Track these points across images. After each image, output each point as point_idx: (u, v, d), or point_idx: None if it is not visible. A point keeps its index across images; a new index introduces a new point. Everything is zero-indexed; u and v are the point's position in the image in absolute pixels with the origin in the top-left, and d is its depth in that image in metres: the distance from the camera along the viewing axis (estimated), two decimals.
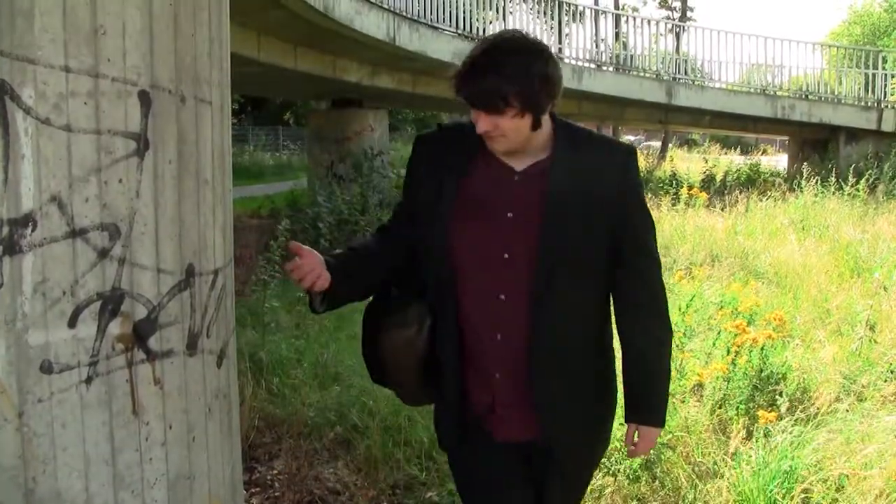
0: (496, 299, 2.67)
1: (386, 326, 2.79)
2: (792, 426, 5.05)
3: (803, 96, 24.39)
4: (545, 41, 15.35)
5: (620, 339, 2.86)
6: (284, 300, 9.40)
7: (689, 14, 48.86)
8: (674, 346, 3.25)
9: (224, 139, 2.51)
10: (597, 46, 24.20)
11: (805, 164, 20.01)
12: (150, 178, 2.18)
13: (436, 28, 17.97)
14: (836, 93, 24.62)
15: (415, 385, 2.82)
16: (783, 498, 4.40)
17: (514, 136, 2.56)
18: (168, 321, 2.27)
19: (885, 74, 24.71)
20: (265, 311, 8.11)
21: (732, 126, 28.52)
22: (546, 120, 2.64)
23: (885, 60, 25.04)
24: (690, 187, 17.99)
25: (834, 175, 17.73)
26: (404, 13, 16.37)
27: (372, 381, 2.99)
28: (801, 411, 5.46)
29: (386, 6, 15.49)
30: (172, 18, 2.22)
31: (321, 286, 2.63)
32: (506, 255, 2.64)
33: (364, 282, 2.82)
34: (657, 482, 4.73)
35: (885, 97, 24.30)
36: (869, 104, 23.99)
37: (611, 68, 23.36)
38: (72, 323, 2.09)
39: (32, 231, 2.01)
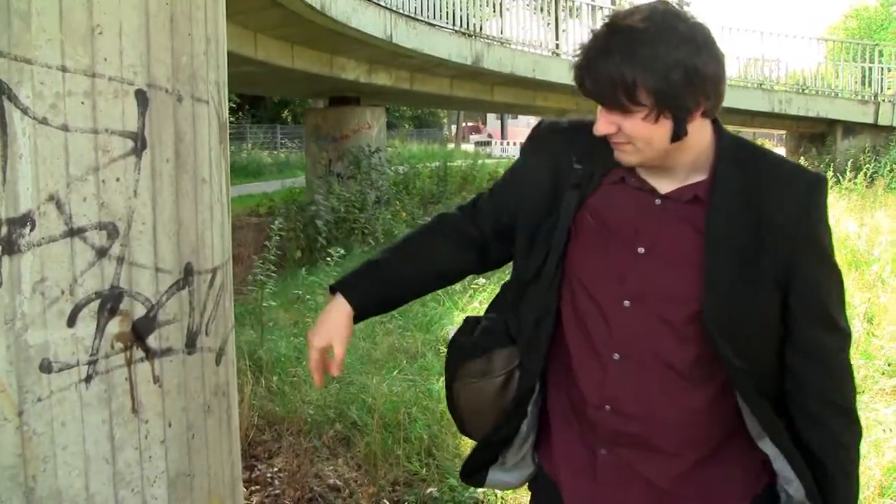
0: (609, 359, 2.07)
1: (462, 374, 2.29)
2: None
3: (800, 90, 24.40)
4: (542, 38, 15.08)
5: (791, 434, 2.05)
6: (282, 298, 9.42)
7: (686, 9, 48.66)
8: None
9: (221, 138, 2.51)
10: None
11: (803, 157, 20.04)
12: (148, 177, 2.19)
13: (433, 25, 17.94)
14: (832, 87, 24.64)
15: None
16: None
17: (645, 147, 1.92)
18: (167, 320, 2.27)
19: (882, 68, 24.73)
20: (263, 310, 8.11)
21: (730, 120, 28.47)
22: (701, 130, 1.97)
23: (881, 54, 25.04)
24: None
25: (832, 169, 17.75)
26: (401, 10, 16.36)
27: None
28: None
29: (383, 3, 15.47)
30: (169, 17, 2.23)
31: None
32: (626, 303, 2.03)
33: (410, 291, 2.40)
34: None
35: (881, 91, 24.33)
36: (866, 98, 24.03)
37: None
38: (71, 322, 2.09)
39: (31, 231, 2.02)
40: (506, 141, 61.19)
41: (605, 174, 2.07)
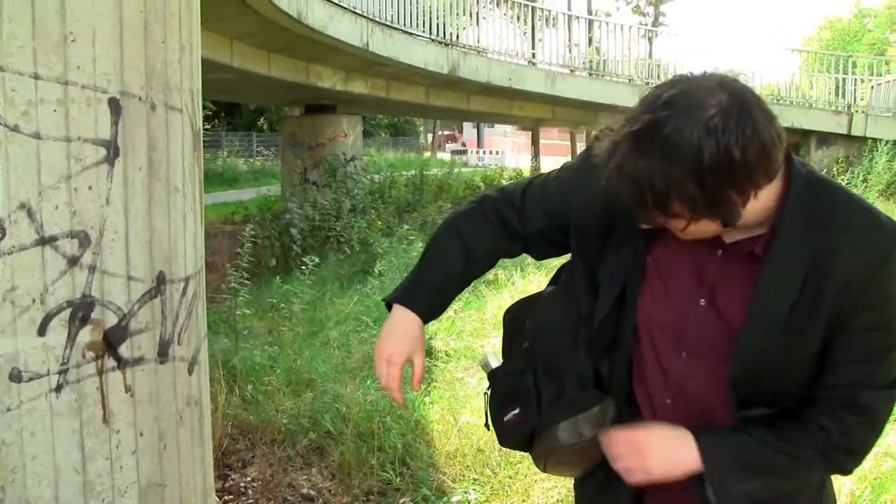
0: (662, 403, 2.02)
1: (550, 423, 2.09)
2: None
3: (775, 101, 24.52)
4: (518, 47, 15.06)
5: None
6: (257, 307, 9.40)
7: (661, 20, 49.06)
8: None
9: (195, 146, 2.50)
10: (570, 51, 24.28)
11: None
12: (121, 186, 2.18)
13: (410, 34, 17.97)
14: (807, 97, 24.80)
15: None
16: None
17: (701, 235, 1.82)
18: (139, 328, 2.26)
19: (855, 79, 24.91)
20: (237, 318, 8.09)
21: None
22: (768, 189, 1.78)
23: (854, 65, 25.25)
24: None
25: None
26: (378, 19, 16.37)
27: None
28: None
29: (359, 12, 15.48)
30: (143, 25, 2.22)
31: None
32: (683, 355, 1.95)
33: (464, 285, 2.28)
34: None
35: (854, 101, 24.50)
36: (839, 109, 24.17)
37: (584, 73, 23.46)
38: (41, 331, 2.08)
39: (1, 239, 2.01)
40: (482, 149, 61.26)
41: None
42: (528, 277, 10.01)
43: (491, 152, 56.80)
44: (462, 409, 5.89)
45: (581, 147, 45.64)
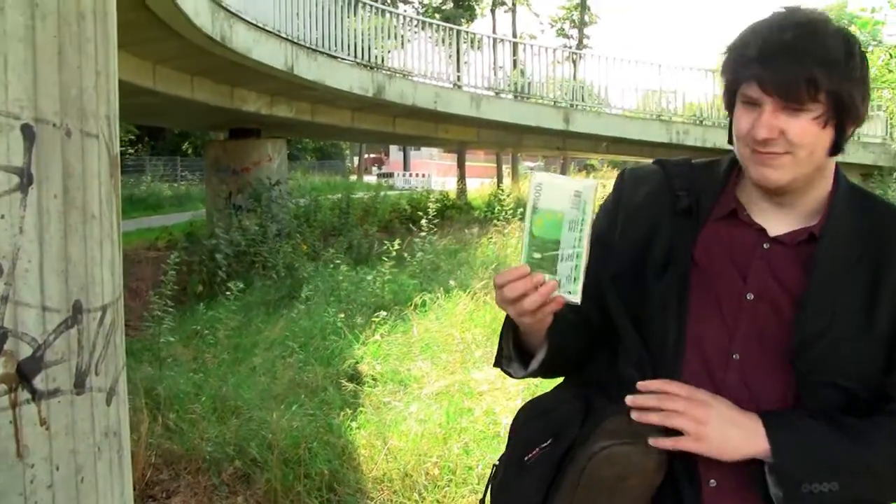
0: None
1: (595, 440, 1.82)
2: None
3: (698, 122, 24.93)
4: (444, 70, 15.23)
5: None
6: (181, 334, 9.29)
7: (585, 42, 49.59)
8: None
9: (112, 172, 2.46)
10: (495, 74, 24.45)
11: None
12: (35, 214, 2.13)
13: (334, 57, 17.98)
14: (727, 118, 25.20)
15: None
16: None
17: (805, 158, 1.76)
18: (54, 360, 2.21)
19: None
20: (162, 346, 7.98)
21: (629, 151, 29.01)
22: (829, 166, 1.84)
23: None
24: None
25: None
26: (303, 42, 16.35)
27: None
28: None
29: (284, 35, 15.46)
30: (57, 51, 2.18)
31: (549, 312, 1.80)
32: (735, 356, 1.83)
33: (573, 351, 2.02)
34: None
35: None
36: None
37: (509, 95, 23.66)
38: None
39: None
40: (408, 172, 61.31)
41: (712, 207, 1.91)
42: (453, 300, 10.03)
43: (417, 175, 56.89)
44: (389, 434, 5.86)
45: (507, 169, 46.00)
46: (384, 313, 9.49)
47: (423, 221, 14.51)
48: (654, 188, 1.97)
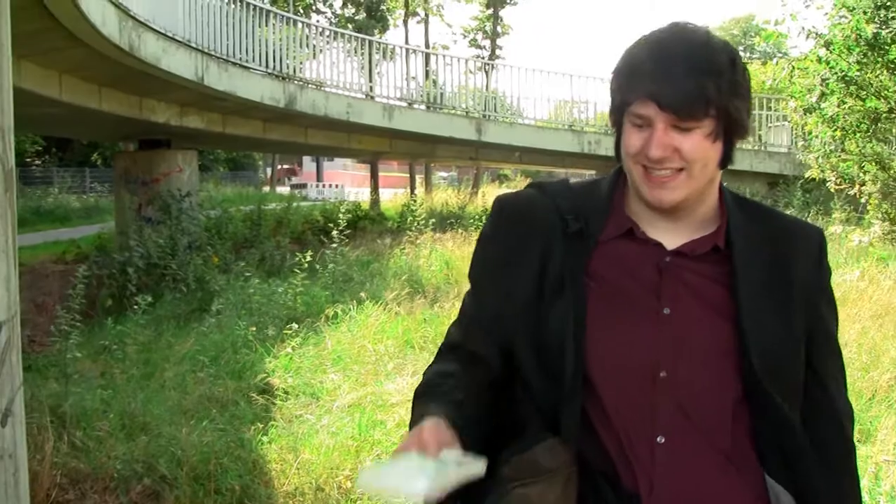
0: (653, 443, 1.75)
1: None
2: None
3: (609, 132, 25.17)
4: (356, 80, 15.21)
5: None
6: (89, 349, 9.12)
7: (498, 53, 49.87)
8: None
9: (7, 186, 2.40)
10: (408, 84, 24.50)
11: None
12: None
13: (246, 67, 17.85)
14: None
15: None
16: None
17: (700, 173, 1.76)
18: None
19: None
20: (68, 362, 7.82)
21: (542, 161, 29.25)
22: (717, 178, 1.86)
23: None
24: None
25: None
26: (213, 52, 16.21)
27: None
28: None
29: (194, 45, 15.32)
30: None
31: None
32: (662, 374, 1.76)
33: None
34: None
35: None
36: None
37: (422, 106, 23.74)
38: None
39: None
40: (322, 183, 61.08)
41: (603, 227, 1.87)
42: (366, 311, 10.00)
43: (331, 186, 56.74)
44: (301, 447, 5.81)
45: (420, 179, 46.01)
46: (296, 325, 9.41)
47: (335, 233, 14.42)
48: (539, 213, 1.91)
